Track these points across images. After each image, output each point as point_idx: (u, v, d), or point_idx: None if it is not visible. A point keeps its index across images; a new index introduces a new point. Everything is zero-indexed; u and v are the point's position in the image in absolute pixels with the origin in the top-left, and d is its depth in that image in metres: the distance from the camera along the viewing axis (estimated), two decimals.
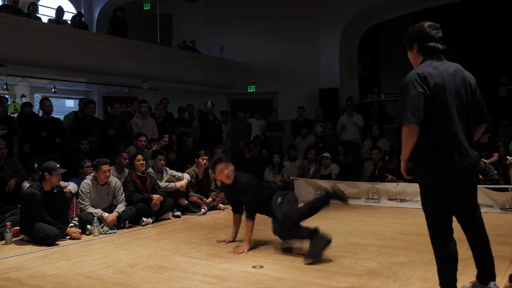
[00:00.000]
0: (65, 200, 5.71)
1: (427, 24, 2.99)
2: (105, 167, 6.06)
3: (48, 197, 5.44)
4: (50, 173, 5.41)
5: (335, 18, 12.02)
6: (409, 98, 2.78)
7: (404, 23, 12.42)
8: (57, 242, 5.26)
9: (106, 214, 5.93)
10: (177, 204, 7.21)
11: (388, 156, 8.19)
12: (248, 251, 4.71)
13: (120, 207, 6.15)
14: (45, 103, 7.90)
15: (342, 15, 11.99)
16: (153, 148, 7.77)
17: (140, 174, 6.70)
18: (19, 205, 5.85)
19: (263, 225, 6.22)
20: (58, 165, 5.50)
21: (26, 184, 6.15)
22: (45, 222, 5.29)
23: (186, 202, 7.33)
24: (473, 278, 3.15)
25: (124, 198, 6.30)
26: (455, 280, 2.92)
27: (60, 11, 10.06)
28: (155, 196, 6.61)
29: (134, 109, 9.23)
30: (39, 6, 10.33)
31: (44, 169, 5.48)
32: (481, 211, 3.11)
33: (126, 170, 7.12)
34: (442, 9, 11.34)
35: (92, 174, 6.19)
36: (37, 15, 10.01)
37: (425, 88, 2.78)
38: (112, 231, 5.88)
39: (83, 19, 11.23)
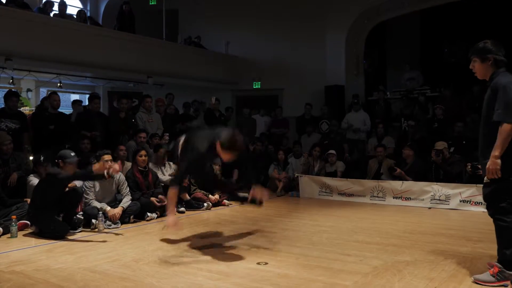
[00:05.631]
0: (77, 195, 5.71)
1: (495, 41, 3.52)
2: (107, 157, 5.98)
3: (63, 188, 5.44)
4: (64, 162, 5.41)
5: (342, 15, 11.98)
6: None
7: (410, 21, 12.39)
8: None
9: (108, 208, 5.93)
10: (181, 199, 7.22)
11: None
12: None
13: (125, 202, 6.14)
14: (53, 98, 7.88)
15: (349, 12, 11.94)
16: (155, 143, 7.81)
17: (141, 168, 6.73)
18: (25, 199, 5.88)
19: (268, 221, 6.25)
20: (73, 154, 5.51)
21: (32, 178, 6.15)
22: (50, 213, 5.30)
23: (188, 197, 7.34)
24: None
25: (129, 192, 6.31)
26: None
27: (62, 5, 10.04)
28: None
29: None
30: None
31: (59, 157, 5.48)
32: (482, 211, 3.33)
33: (126, 163, 7.21)
34: (449, 8, 11.26)
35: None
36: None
37: None
38: (116, 225, 5.88)
39: (88, 14, 11.22)
